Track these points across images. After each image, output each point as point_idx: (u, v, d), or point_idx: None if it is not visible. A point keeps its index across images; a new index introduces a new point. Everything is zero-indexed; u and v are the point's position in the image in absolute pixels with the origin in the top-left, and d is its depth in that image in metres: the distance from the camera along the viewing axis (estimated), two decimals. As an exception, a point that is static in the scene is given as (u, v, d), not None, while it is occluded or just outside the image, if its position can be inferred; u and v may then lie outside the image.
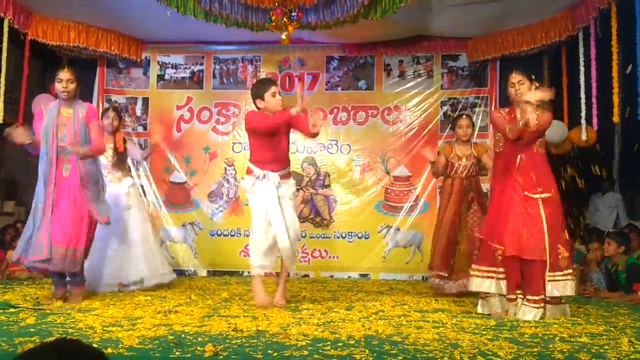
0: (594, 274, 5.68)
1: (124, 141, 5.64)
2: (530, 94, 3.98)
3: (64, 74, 4.49)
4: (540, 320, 3.93)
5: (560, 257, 4.05)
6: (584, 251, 6.29)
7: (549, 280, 4.03)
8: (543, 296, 4.03)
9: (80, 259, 4.38)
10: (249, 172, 4.61)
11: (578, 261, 6.28)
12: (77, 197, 4.38)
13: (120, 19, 6.54)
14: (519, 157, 4.18)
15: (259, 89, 4.59)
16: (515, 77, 4.26)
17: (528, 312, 4.01)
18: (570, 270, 4.11)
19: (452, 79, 7.19)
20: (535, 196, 4.10)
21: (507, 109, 4.37)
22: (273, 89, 4.54)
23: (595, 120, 5.76)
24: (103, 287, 5.14)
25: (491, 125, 4.54)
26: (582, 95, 5.93)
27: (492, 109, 7.01)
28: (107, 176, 5.43)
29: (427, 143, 7.00)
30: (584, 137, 6.10)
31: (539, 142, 4.26)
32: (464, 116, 5.64)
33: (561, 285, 4.04)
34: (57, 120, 4.42)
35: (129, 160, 5.98)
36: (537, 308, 4.01)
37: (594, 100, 5.74)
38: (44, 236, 4.24)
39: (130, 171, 5.68)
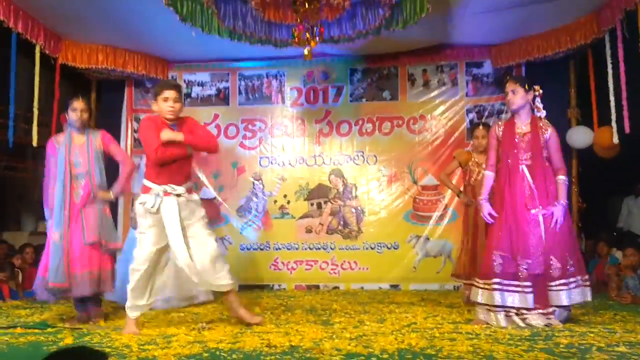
0: (629, 280, 5.55)
1: None
2: None
3: (79, 104, 4.60)
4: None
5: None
6: (619, 257, 6.16)
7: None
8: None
9: (99, 281, 4.47)
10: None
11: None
12: (88, 223, 4.47)
13: (146, 40, 6.67)
14: (521, 168, 4.13)
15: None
16: (509, 86, 4.19)
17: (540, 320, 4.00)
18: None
19: (476, 86, 7.15)
20: (536, 211, 4.07)
21: (505, 122, 4.31)
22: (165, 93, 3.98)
23: (627, 122, 5.64)
24: (166, 304, 5.23)
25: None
26: (612, 98, 5.84)
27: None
28: None
29: (455, 151, 6.94)
30: (615, 139, 5.99)
31: (545, 156, 4.18)
32: (481, 126, 5.40)
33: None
34: (69, 147, 4.55)
35: None
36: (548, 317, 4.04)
37: (624, 102, 5.63)
38: (63, 262, 4.35)
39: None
